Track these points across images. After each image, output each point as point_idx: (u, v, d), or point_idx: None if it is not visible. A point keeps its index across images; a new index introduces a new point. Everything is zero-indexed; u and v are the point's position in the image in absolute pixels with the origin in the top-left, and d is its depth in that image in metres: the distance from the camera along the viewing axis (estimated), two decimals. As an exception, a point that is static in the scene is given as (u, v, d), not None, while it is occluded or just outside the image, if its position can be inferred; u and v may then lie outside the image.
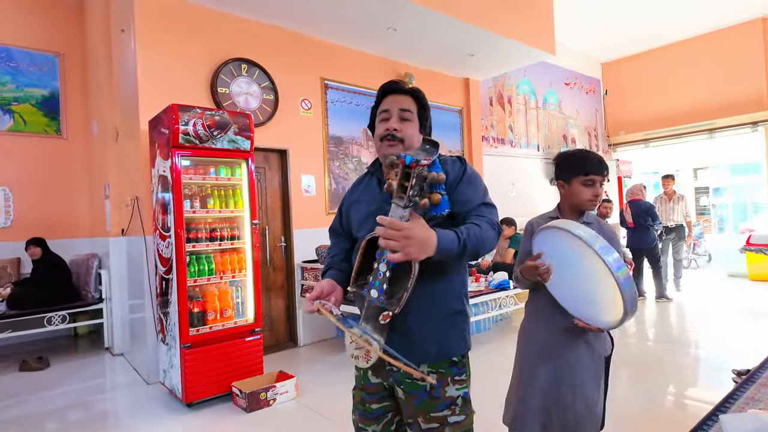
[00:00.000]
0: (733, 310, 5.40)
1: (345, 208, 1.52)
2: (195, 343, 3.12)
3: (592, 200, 1.61)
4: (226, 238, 3.43)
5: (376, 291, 1.17)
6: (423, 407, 1.31)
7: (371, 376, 1.38)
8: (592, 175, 1.61)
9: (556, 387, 1.63)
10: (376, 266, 1.18)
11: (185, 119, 3.13)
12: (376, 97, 1.44)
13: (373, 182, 1.44)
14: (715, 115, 7.67)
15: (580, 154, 1.67)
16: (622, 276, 1.29)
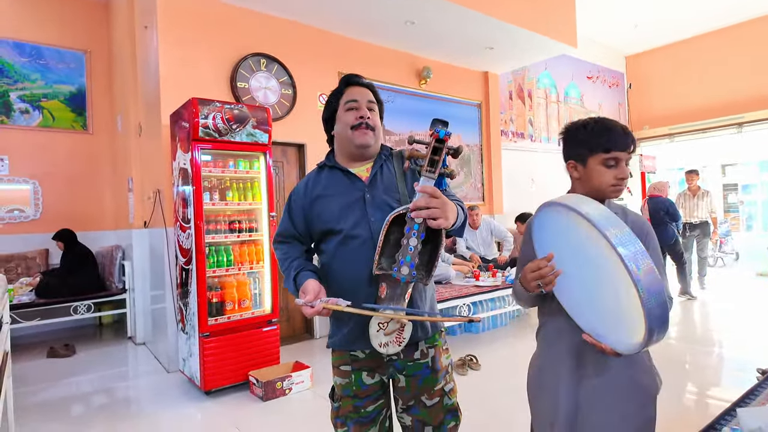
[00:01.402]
0: (760, 310, 5.24)
1: (306, 207, 1.42)
2: (213, 333, 3.19)
3: (616, 185, 1.20)
4: (244, 230, 3.48)
5: (407, 267, 1.18)
6: (426, 384, 1.36)
7: (366, 377, 1.37)
8: (615, 152, 1.19)
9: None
10: (406, 242, 1.18)
11: (205, 113, 3.19)
12: (338, 87, 1.45)
13: (338, 175, 1.41)
14: (743, 109, 7.43)
15: (599, 124, 1.22)
16: (642, 276, 0.90)
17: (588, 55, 7.95)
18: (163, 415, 2.94)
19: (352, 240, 1.32)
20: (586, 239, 1.02)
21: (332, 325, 1.44)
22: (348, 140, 1.38)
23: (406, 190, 1.39)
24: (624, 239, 0.94)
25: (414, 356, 1.35)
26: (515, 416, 2.66)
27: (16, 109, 5.14)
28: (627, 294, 0.94)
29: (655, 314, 0.92)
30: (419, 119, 5.47)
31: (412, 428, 1.40)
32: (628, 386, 1.18)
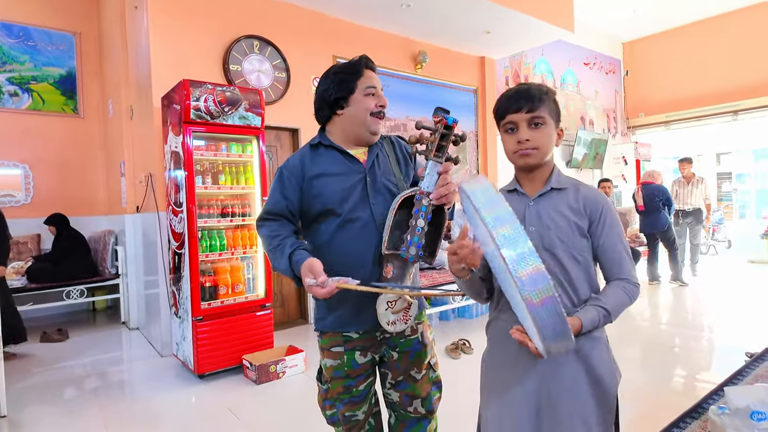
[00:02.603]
0: (750, 296, 5.29)
1: (303, 185, 1.36)
2: (206, 317, 3.18)
3: (517, 152, 1.13)
4: (237, 215, 3.46)
5: (414, 248, 1.23)
6: (417, 357, 1.42)
7: (359, 357, 1.38)
8: (509, 116, 1.13)
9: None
10: (414, 223, 1.23)
11: (196, 95, 3.15)
12: (356, 68, 1.38)
13: (337, 155, 1.39)
14: (739, 97, 7.42)
15: (503, 93, 1.18)
16: (527, 281, 0.79)
17: (585, 41, 7.89)
18: (156, 398, 2.95)
19: (353, 222, 1.32)
20: (482, 230, 0.90)
21: (321, 308, 1.42)
22: (362, 124, 1.37)
23: (401, 174, 1.42)
24: (511, 239, 0.80)
25: (406, 333, 1.40)
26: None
27: (4, 92, 5.06)
28: (517, 294, 0.83)
29: (546, 323, 0.80)
30: (414, 104, 5.42)
31: (400, 403, 1.43)
32: (586, 382, 1.09)
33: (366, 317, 1.33)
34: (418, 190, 1.26)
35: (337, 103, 1.37)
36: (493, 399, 1.18)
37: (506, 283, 0.95)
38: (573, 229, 1.12)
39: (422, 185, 1.26)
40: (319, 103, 1.42)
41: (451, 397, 2.82)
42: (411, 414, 1.44)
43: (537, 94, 1.13)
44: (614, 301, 1.06)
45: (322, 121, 1.45)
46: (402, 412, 1.46)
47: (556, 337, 0.82)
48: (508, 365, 1.15)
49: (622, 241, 1.13)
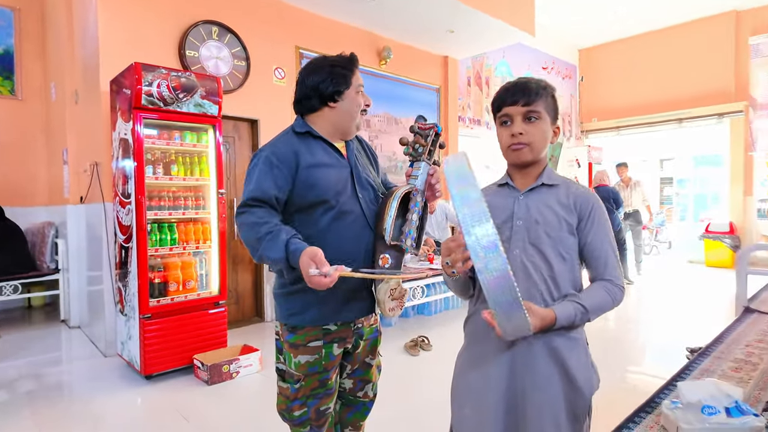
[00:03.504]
0: (689, 294, 5.61)
1: (296, 173, 1.32)
2: (155, 315, 3.02)
3: (511, 146, 1.12)
4: (190, 207, 3.31)
5: (410, 239, 1.34)
6: (374, 344, 1.52)
7: (336, 349, 1.38)
8: (505, 108, 1.12)
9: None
10: (411, 217, 1.36)
11: (149, 79, 2.97)
12: (347, 66, 1.40)
13: (324, 147, 1.39)
14: (684, 106, 7.83)
15: (502, 86, 1.17)
16: (482, 261, 0.81)
17: (544, 45, 8.10)
18: (98, 401, 2.77)
19: (347, 215, 1.35)
20: None
21: (296, 302, 1.36)
22: (353, 119, 1.42)
23: (375, 171, 1.53)
24: (474, 221, 0.82)
25: (370, 321, 1.49)
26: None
27: (-71, 68, 4.61)
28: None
29: (499, 301, 0.82)
30: (378, 100, 5.37)
31: (352, 389, 1.52)
32: (559, 383, 1.07)
33: (353, 308, 1.38)
34: (413, 187, 1.36)
35: (332, 97, 1.37)
36: (468, 395, 1.16)
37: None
38: (561, 225, 1.10)
39: (416, 183, 1.37)
40: (307, 93, 1.39)
41: (411, 393, 2.81)
42: (360, 399, 1.54)
43: (534, 88, 1.11)
44: (594, 299, 1.05)
45: (303, 111, 1.42)
46: (351, 397, 1.53)
47: (509, 316, 0.85)
48: (484, 361, 1.13)
49: (611, 241, 1.12)
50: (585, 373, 1.10)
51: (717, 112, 7.60)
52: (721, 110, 7.55)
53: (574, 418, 1.09)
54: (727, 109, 7.50)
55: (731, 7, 7.38)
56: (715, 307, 4.98)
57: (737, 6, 7.36)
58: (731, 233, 7.30)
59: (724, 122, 7.67)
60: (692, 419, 1.27)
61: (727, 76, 7.57)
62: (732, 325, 2.35)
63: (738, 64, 7.48)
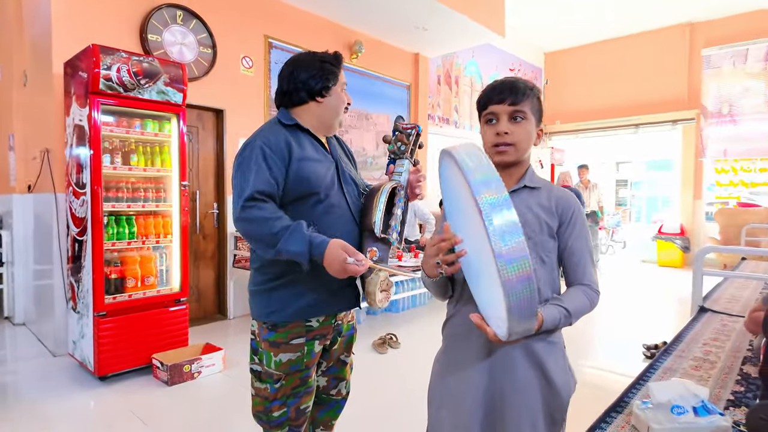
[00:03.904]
0: (643, 293, 5.86)
1: (289, 165, 1.31)
2: (111, 312, 2.86)
3: (495, 145, 1.09)
4: (150, 200, 3.15)
5: (396, 233, 1.39)
6: (350, 342, 1.54)
7: (317, 346, 1.38)
8: (491, 106, 1.09)
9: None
10: (396, 211, 1.39)
11: (108, 63, 2.79)
12: (335, 63, 1.44)
13: (311, 141, 1.40)
14: (641, 112, 8.15)
15: (489, 84, 1.14)
16: (506, 254, 0.74)
17: (511, 47, 8.23)
18: (47, 403, 2.59)
19: (335, 208, 1.37)
20: (469, 199, 0.83)
21: (277, 298, 1.33)
22: (338, 116, 1.44)
23: (354, 170, 1.56)
24: (495, 205, 0.76)
25: (348, 318, 1.51)
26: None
27: None
28: (493, 268, 0.78)
29: (517, 294, 0.76)
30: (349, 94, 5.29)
31: (325, 387, 1.52)
32: (538, 386, 1.07)
33: (339, 301, 1.39)
34: (398, 183, 1.40)
35: (320, 92, 1.39)
36: (446, 398, 1.14)
37: (478, 256, 0.90)
38: (542, 228, 1.09)
39: (400, 180, 1.41)
40: (296, 86, 1.39)
41: (379, 391, 2.79)
42: (333, 397, 1.54)
43: (522, 88, 1.09)
44: (576, 304, 1.05)
45: (288, 104, 1.41)
46: (324, 396, 1.52)
47: (524, 317, 0.80)
48: (463, 364, 1.11)
49: (589, 246, 1.12)
50: (563, 377, 1.11)
51: (671, 119, 7.96)
52: (675, 117, 7.92)
53: (551, 422, 1.10)
54: (680, 117, 7.87)
55: (687, 19, 7.73)
56: (668, 305, 5.23)
57: (692, 18, 7.71)
58: (682, 235, 7.69)
59: (677, 129, 8.04)
60: (662, 419, 1.30)
61: (681, 85, 7.94)
62: (689, 324, 2.46)
63: (691, 73, 7.85)
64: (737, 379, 1.75)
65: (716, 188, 8.01)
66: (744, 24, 7.39)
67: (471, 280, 1.04)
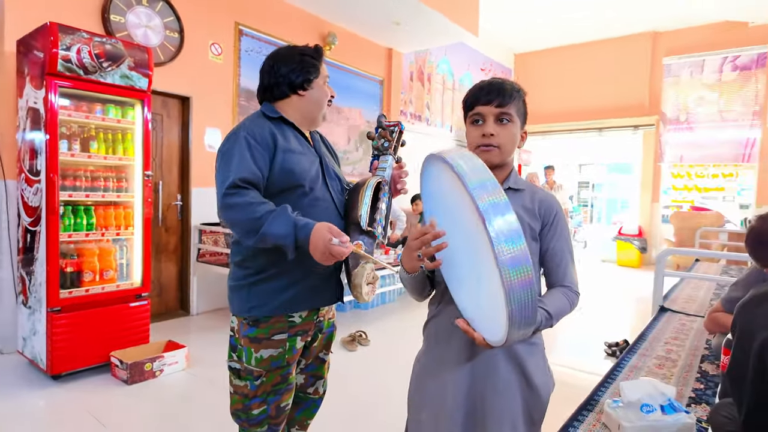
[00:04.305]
0: (603, 292, 6.06)
1: (273, 156, 1.30)
2: (66, 307, 2.71)
3: (480, 146, 1.08)
4: (111, 189, 3.00)
5: (380, 227, 1.39)
6: (329, 340, 1.53)
7: (299, 342, 1.37)
8: (478, 107, 1.09)
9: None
10: (380, 206, 1.39)
11: (67, 43, 2.63)
12: (316, 56, 1.44)
13: (295, 134, 1.40)
14: (605, 116, 8.41)
15: (475, 85, 1.13)
16: (509, 258, 0.72)
17: (483, 47, 8.32)
18: (-8, 406, 2.43)
19: (320, 201, 1.37)
20: (461, 203, 0.83)
21: (258, 294, 1.31)
22: (321, 109, 1.44)
23: (337, 166, 1.56)
24: (495, 208, 0.74)
25: (329, 315, 1.51)
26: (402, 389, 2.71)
27: None
28: (493, 274, 0.76)
29: (519, 300, 0.74)
30: (320, 88, 5.21)
31: (302, 385, 1.51)
32: (518, 387, 1.07)
33: (322, 296, 1.39)
34: (382, 178, 1.40)
35: (302, 85, 1.39)
36: (426, 399, 1.13)
37: (465, 260, 0.89)
38: (525, 230, 1.08)
39: (384, 175, 1.41)
40: (277, 80, 1.39)
41: (350, 389, 2.76)
42: (310, 395, 1.52)
43: (509, 90, 1.08)
44: (557, 305, 1.05)
45: (271, 99, 1.42)
46: (301, 394, 1.50)
47: (526, 322, 0.77)
48: (444, 365, 1.11)
49: (570, 249, 1.13)
50: (543, 378, 1.12)
51: (633, 124, 8.26)
52: (637, 122, 8.21)
53: (531, 422, 1.10)
54: (641, 122, 8.17)
55: (650, 28, 8.01)
56: (627, 304, 5.43)
57: (655, 27, 8.01)
58: (640, 236, 8.00)
59: (638, 134, 8.35)
60: (632, 417, 1.33)
61: (642, 92, 8.24)
62: (651, 323, 2.55)
63: (653, 81, 8.16)
64: (697, 376, 1.82)
65: (672, 192, 8.38)
66: (702, 36, 7.73)
67: (452, 284, 1.04)
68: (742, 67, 7.49)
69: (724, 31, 7.53)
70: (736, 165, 7.72)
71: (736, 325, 1.15)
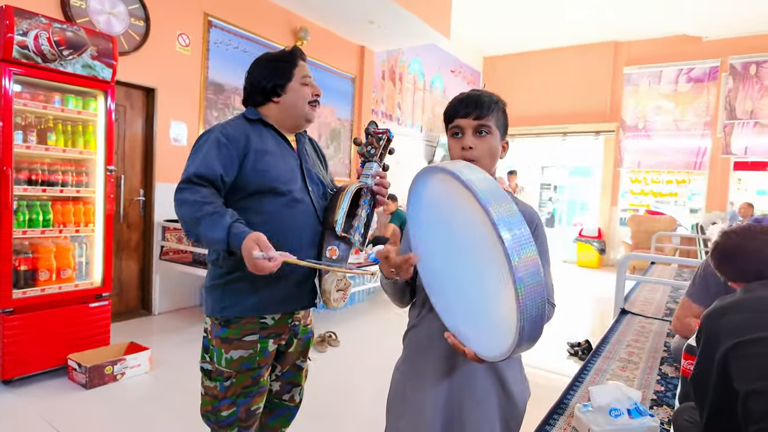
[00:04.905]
0: (564, 292, 6.26)
1: (244, 157, 1.29)
2: (20, 308, 2.56)
3: (460, 159, 1.06)
4: (70, 184, 2.85)
5: (358, 234, 1.36)
6: (306, 346, 1.51)
7: (271, 345, 1.35)
8: (457, 119, 1.09)
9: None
10: (360, 212, 1.36)
11: (24, 28, 2.48)
12: (291, 56, 1.42)
13: (274, 136, 1.39)
14: (568, 121, 8.68)
15: (455, 97, 1.14)
16: (523, 268, 0.71)
17: (453, 49, 8.40)
18: (-65, 414, 2.27)
19: (299, 204, 1.35)
20: (461, 214, 0.83)
21: (230, 293, 1.30)
22: (300, 113, 1.40)
23: (323, 170, 1.53)
24: (509, 219, 0.73)
25: (306, 321, 1.48)
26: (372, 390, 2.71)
27: None
28: (502, 288, 0.76)
29: (530, 315, 0.73)
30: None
31: (278, 392, 1.49)
32: (496, 397, 1.09)
33: (295, 299, 1.36)
34: (364, 185, 1.37)
35: (274, 91, 1.38)
36: (405, 408, 1.13)
37: (473, 272, 0.88)
38: None
39: (367, 182, 1.38)
40: (251, 89, 1.41)
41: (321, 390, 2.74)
42: (285, 402, 1.50)
43: (487, 102, 1.09)
44: None
45: (252, 104, 1.43)
46: (276, 400, 1.49)
47: (534, 335, 0.76)
48: (423, 374, 1.11)
49: (548, 260, 1.14)
50: (520, 387, 1.14)
51: (595, 129, 8.56)
52: (598, 128, 8.52)
53: (507, 431, 1.12)
54: (602, 128, 8.48)
55: (612, 38, 8.32)
56: (587, 304, 5.63)
57: (617, 38, 8.32)
58: (599, 238, 8.32)
59: (599, 139, 8.66)
60: (601, 421, 1.38)
61: (604, 99, 8.55)
62: (613, 326, 2.65)
63: (614, 89, 8.48)
64: (657, 378, 1.91)
65: (630, 196, 8.75)
66: (660, 48, 8.09)
67: (438, 299, 1.03)
68: (695, 79, 7.90)
69: (680, 45, 7.91)
70: (688, 172, 8.14)
71: (701, 332, 1.21)
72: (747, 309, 1.16)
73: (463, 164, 0.86)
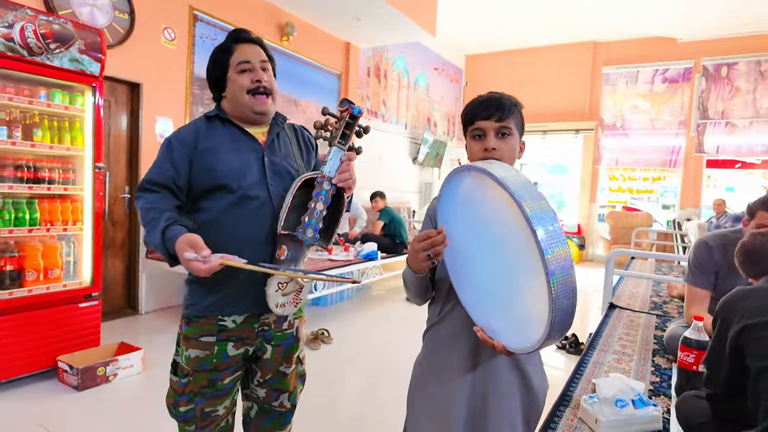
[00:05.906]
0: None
1: (194, 156, 1.27)
2: (6, 309, 2.48)
3: (483, 159, 1.07)
4: (57, 182, 2.77)
5: (312, 230, 1.23)
6: (289, 351, 1.39)
7: (231, 348, 1.28)
8: (478, 122, 1.11)
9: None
10: (313, 206, 1.24)
11: (8, 20, 2.40)
12: (225, 44, 1.33)
13: (233, 131, 1.32)
14: (549, 119, 8.84)
15: (476, 98, 1.15)
16: (555, 262, 0.73)
17: (437, 47, 8.45)
18: None
19: (250, 200, 1.26)
20: (494, 210, 0.87)
21: (194, 292, 1.29)
22: (245, 105, 1.30)
23: (302, 161, 1.42)
24: (541, 215, 0.75)
25: (283, 327, 1.37)
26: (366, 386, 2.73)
27: None
28: (534, 281, 0.78)
29: (559, 309, 0.75)
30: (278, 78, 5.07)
31: (266, 398, 1.41)
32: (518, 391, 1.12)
33: (250, 300, 1.27)
34: (320, 173, 1.26)
35: (218, 85, 1.33)
36: (428, 402, 1.15)
37: (504, 267, 0.91)
38: None
39: (324, 170, 1.26)
40: (209, 87, 1.38)
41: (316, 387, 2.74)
42: (276, 408, 1.44)
43: (508, 105, 1.11)
44: None
45: (216, 101, 1.39)
46: (267, 406, 1.43)
47: (564, 327, 0.79)
48: (447, 369, 1.13)
49: None
50: (540, 380, 1.17)
51: (574, 128, 8.74)
52: (578, 127, 8.71)
53: (527, 424, 1.16)
54: (582, 126, 8.67)
55: (591, 38, 8.50)
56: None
57: (596, 38, 8.50)
58: (579, 234, 8.52)
59: (579, 137, 8.85)
60: (608, 412, 1.43)
61: (583, 98, 8.74)
62: (604, 320, 2.73)
63: (593, 88, 8.67)
64: (652, 370, 1.98)
65: (608, 192, 8.97)
66: (637, 48, 8.31)
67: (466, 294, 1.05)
68: (670, 79, 8.15)
69: (656, 46, 8.15)
70: (663, 170, 8.40)
71: (718, 316, 1.29)
72: (763, 296, 1.24)
73: (497, 163, 0.90)
